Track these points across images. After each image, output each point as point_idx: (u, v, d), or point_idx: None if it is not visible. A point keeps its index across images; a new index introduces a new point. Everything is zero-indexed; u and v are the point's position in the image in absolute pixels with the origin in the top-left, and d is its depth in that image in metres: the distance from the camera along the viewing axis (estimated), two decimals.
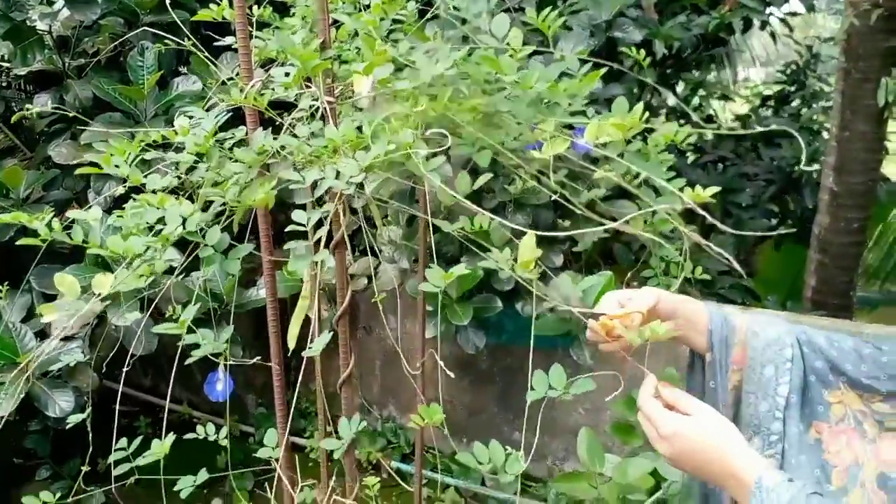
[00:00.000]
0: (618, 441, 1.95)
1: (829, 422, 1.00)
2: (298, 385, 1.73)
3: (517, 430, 3.06)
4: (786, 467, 0.99)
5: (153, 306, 1.58)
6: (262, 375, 1.55)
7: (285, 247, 1.29)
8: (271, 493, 1.63)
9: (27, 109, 1.86)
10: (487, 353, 3.01)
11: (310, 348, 1.01)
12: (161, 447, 1.16)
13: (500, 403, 3.13)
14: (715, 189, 1.26)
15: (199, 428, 1.33)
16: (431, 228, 1.38)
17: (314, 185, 1.01)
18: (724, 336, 1.05)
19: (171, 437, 1.16)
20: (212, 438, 1.32)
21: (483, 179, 1.31)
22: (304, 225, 1.05)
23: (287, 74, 1.36)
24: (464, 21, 1.29)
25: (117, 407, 1.32)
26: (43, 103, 2.35)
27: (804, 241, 3.25)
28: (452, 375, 1.10)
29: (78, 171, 1.21)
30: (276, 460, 1.54)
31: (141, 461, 1.22)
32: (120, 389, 1.33)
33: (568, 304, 1.04)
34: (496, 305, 2.47)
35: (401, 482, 2.83)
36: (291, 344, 1.16)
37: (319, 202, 1.20)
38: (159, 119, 2.24)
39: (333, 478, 1.65)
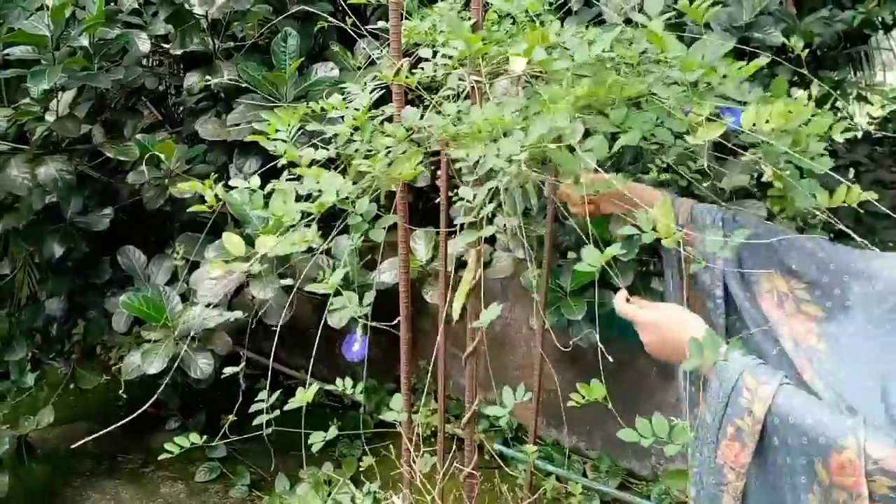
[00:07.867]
0: None
1: (758, 290, 1.22)
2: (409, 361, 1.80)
3: (622, 425, 3.03)
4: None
5: (298, 282, 1.67)
6: (372, 350, 1.63)
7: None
8: (392, 455, 1.70)
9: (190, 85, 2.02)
10: (595, 346, 2.99)
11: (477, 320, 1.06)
12: (305, 395, 1.24)
13: (605, 397, 3.10)
14: (869, 195, 1.19)
15: (338, 381, 1.41)
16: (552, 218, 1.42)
17: (476, 164, 1.06)
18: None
19: (315, 386, 1.24)
20: (349, 391, 1.40)
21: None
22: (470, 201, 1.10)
23: (434, 54, 1.42)
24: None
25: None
26: (192, 82, 2.53)
27: None
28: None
29: (250, 137, 1.31)
30: (401, 424, 1.62)
31: (285, 408, 1.29)
32: (270, 360, 1.43)
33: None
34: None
35: (502, 465, 2.88)
36: (456, 315, 1.24)
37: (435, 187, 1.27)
38: (298, 103, 2.37)
39: (453, 450, 1.71)
